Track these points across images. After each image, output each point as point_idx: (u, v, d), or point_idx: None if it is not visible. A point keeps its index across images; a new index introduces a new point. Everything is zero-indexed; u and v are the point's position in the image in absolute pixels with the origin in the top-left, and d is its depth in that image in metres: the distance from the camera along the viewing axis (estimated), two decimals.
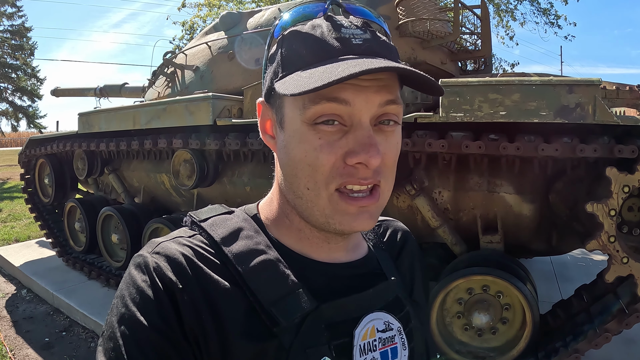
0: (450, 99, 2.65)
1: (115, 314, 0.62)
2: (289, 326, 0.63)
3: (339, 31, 0.63)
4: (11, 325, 4.22)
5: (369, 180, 0.63)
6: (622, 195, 2.42)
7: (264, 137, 0.72)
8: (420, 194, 3.04)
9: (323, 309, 0.65)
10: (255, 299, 0.63)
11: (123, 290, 0.63)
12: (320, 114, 0.61)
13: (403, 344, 0.72)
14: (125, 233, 4.60)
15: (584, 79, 2.48)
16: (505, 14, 11.81)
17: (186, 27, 12.40)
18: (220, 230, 0.69)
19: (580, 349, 2.71)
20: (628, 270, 2.49)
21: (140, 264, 0.64)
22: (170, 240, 0.68)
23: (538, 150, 2.56)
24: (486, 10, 4.46)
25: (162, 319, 0.60)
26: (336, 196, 0.63)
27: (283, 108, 0.66)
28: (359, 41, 0.63)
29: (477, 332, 2.95)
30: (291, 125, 0.64)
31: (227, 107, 3.62)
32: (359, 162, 0.61)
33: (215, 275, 0.64)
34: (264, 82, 0.71)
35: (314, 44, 0.63)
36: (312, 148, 0.62)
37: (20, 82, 20.25)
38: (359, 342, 0.67)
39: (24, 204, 6.54)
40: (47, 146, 5.39)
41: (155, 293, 0.61)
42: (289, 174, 0.67)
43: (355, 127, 0.61)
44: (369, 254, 0.79)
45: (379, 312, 0.71)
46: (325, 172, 0.62)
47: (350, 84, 0.59)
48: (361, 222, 0.65)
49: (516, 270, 2.90)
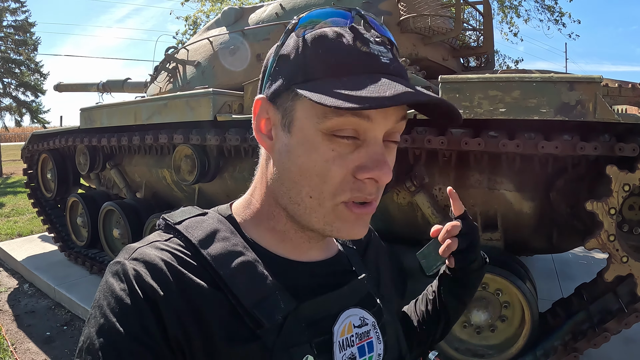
0: (450, 95, 2.64)
1: (93, 325, 0.59)
2: (271, 327, 0.62)
3: (367, 45, 0.61)
4: (13, 319, 4.24)
5: (373, 195, 0.64)
6: (623, 193, 2.41)
7: (258, 135, 0.70)
8: (420, 190, 3.03)
9: (303, 307, 0.65)
10: (238, 301, 0.62)
11: (100, 299, 0.61)
12: (342, 127, 0.60)
13: (378, 337, 0.74)
14: (126, 228, 4.62)
15: (585, 76, 2.46)
16: (509, 10, 11.75)
17: (189, 22, 12.41)
18: (196, 232, 0.68)
19: (579, 348, 2.70)
20: (628, 270, 2.48)
21: (118, 271, 0.62)
22: (147, 245, 0.66)
23: (538, 148, 2.55)
24: (488, 6, 4.43)
25: (143, 329, 0.58)
26: (342, 207, 0.64)
27: (294, 112, 0.63)
28: (387, 60, 0.62)
29: (476, 330, 2.95)
30: (302, 131, 0.62)
31: (228, 103, 3.62)
32: (370, 177, 0.61)
33: (197, 280, 0.62)
34: (270, 79, 0.67)
35: (344, 54, 0.61)
36: (324, 159, 0.61)
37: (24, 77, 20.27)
38: (338, 338, 0.68)
39: (27, 199, 6.56)
40: (49, 141, 5.41)
41: (135, 302, 0.59)
42: (288, 180, 0.65)
43: (368, 142, 0.61)
44: (340, 253, 0.81)
45: (354, 308, 0.72)
46: (335, 184, 0.62)
47: None
48: (359, 230, 0.66)
49: (516, 268, 2.90)
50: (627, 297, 2.67)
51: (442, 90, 2.66)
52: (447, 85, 2.66)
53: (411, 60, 3.61)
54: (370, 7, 4.06)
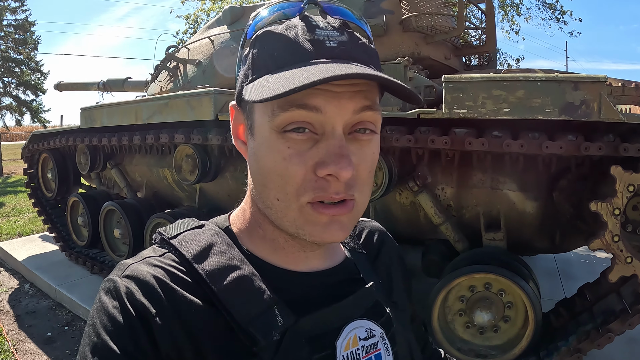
0: (454, 95, 2.63)
1: (87, 344, 0.59)
2: (268, 344, 0.60)
3: (313, 32, 0.59)
4: (14, 319, 4.23)
5: (341, 195, 0.59)
6: (627, 194, 2.40)
7: (236, 143, 0.70)
8: (423, 190, 3.02)
9: (302, 323, 0.63)
10: (232, 318, 0.60)
11: (94, 317, 0.60)
12: (290, 121, 0.57)
13: (387, 349, 0.70)
14: (127, 228, 4.60)
15: (590, 76, 2.45)
16: (510, 8, 11.75)
17: (190, 21, 12.40)
18: (191, 247, 0.66)
19: (583, 348, 2.69)
20: (632, 270, 2.47)
21: (111, 289, 0.61)
22: (140, 261, 0.64)
23: (542, 148, 2.54)
24: (491, 5, 4.41)
25: (136, 346, 0.57)
26: (309, 208, 0.60)
27: (253, 113, 0.63)
28: (334, 43, 0.59)
29: (479, 330, 2.93)
30: (260, 132, 0.61)
31: (229, 102, 3.60)
32: (329, 173, 0.57)
33: (190, 296, 0.61)
34: (236, 85, 0.67)
35: (285, 46, 0.59)
36: (282, 158, 0.59)
37: (24, 76, 20.25)
38: (342, 352, 0.65)
39: (28, 199, 6.54)
40: (50, 141, 5.39)
41: (126, 319, 0.58)
42: (258, 183, 0.64)
43: (326, 136, 0.58)
44: (346, 260, 0.77)
45: (360, 319, 0.69)
46: (296, 184, 0.59)
47: (321, 90, 0.56)
48: (332, 234, 0.61)
49: (519, 268, 2.89)
50: (630, 297, 2.66)
51: (446, 89, 2.65)
52: (450, 84, 2.64)
53: (413, 59, 3.59)
54: (372, 6, 4.04)
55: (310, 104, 0.56)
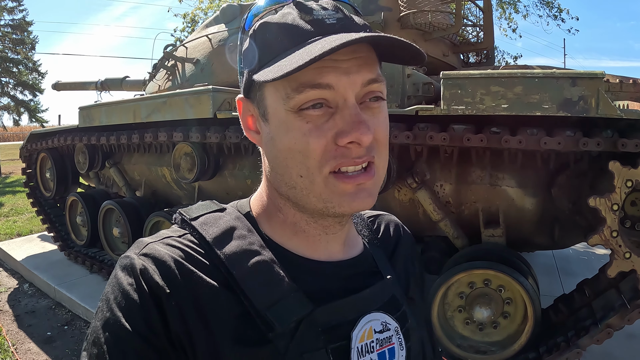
0: (452, 91, 2.63)
1: (100, 318, 0.60)
2: (284, 331, 0.60)
3: (310, 14, 0.61)
4: (13, 319, 4.23)
5: (363, 158, 0.61)
6: (625, 189, 2.40)
7: (248, 134, 0.71)
8: (421, 187, 3.02)
9: (319, 312, 0.63)
10: (250, 303, 0.61)
11: (108, 293, 0.61)
12: (305, 101, 0.59)
13: (400, 343, 0.70)
14: (126, 226, 4.60)
15: (587, 72, 2.45)
16: (508, 6, 11.75)
17: (187, 20, 12.37)
18: (212, 229, 0.66)
19: (582, 344, 2.70)
20: (630, 266, 2.48)
21: (127, 265, 0.61)
22: (159, 240, 0.65)
23: (541, 144, 2.54)
24: (488, 2, 4.42)
25: (147, 325, 0.58)
26: (332, 178, 0.61)
27: (265, 100, 0.64)
28: (333, 20, 0.62)
29: (479, 326, 2.94)
30: (276, 116, 0.63)
31: (228, 100, 3.60)
32: (351, 141, 0.59)
33: (207, 279, 0.61)
34: (241, 78, 0.69)
35: (287, 30, 0.61)
36: (301, 134, 0.60)
37: (22, 76, 20.24)
38: (357, 344, 0.65)
39: (26, 198, 6.53)
40: (48, 140, 5.38)
41: (140, 297, 0.58)
42: (279, 165, 0.65)
43: (341, 107, 0.60)
44: (365, 252, 0.77)
45: (376, 312, 0.69)
46: (317, 156, 0.60)
47: (330, 67, 0.58)
48: (361, 201, 0.63)
49: (518, 265, 2.89)
50: (629, 293, 2.67)
51: (444, 86, 2.65)
52: (449, 81, 2.65)
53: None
54: (370, 2, 4.04)
55: (323, 83, 0.58)
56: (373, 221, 0.86)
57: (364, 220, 0.85)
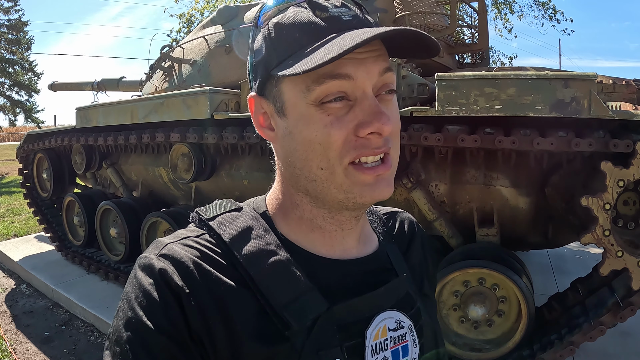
0: (446, 92, 2.66)
1: (121, 318, 0.61)
2: (300, 329, 0.62)
3: (326, 12, 0.63)
4: (11, 319, 4.24)
5: (381, 148, 0.63)
6: (617, 189, 2.44)
7: (261, 131, 0.71)
8: (416, 187, 3.05)
9: (335, 310, 0.64)
10: (267, 302, 0.62)
11: (129, 292, 0.62)
12: (327, 93, 0.61)
13: (414, 341, 0.72)
14: (123, 227, 4.62)
15: (580, 74, 2.48)
16: (503, 6, 11.79)
17: (183, 20, 12.37)
18: (229, 230, 0.68)
19: (575, 341, 2.73)
20: (622, 264, 2.50)
21: (147, 266, 0.63)
22: (178, 241, 0.66)
23: (534, 144, 2.57)
24: (483, 3, 4.45)
25: (170, 322, 0.59)
26: (351, 169, 0.63)
27: (282, 95, 0.65)
28: (349, 17, 0.63)
29: (473, 325, 2.97)
30: (295, 110, 0.64)
31: (225, 101, 3.63)
32: (372, 131, 0.61)
33: (225, 279, 0.62)
34: (253, 76, 0.70)
35: (305, 27, 0.62)
36: (323, 126, 0.62)
37: (18, 76, 20.20)
38: (371, 342, 0.66)
39: (23, 199, 6.54)
40: (45, 141, 5.39)
41: (161, 296, 0.60)
42: (298, 159, 0.65)
43: (360, 99, 0.62)
44: (379, 249, 0.78)
45: (391, 310, 0.70)
46: (338, 147, 0.62)
47: (349, 59, 0.60)
48: (381, 191, 0.65)
49: (512, 263, 2.92)
50: (622, 291, 2.70)
51: (439, 87, 2.68)
52: (443, 82, 2.68)
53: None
54: (365, 4, 4.06)
55: (343, 73, 0.60)
56: (388, 218, 0.88)
57: (379, 217, 0.86)
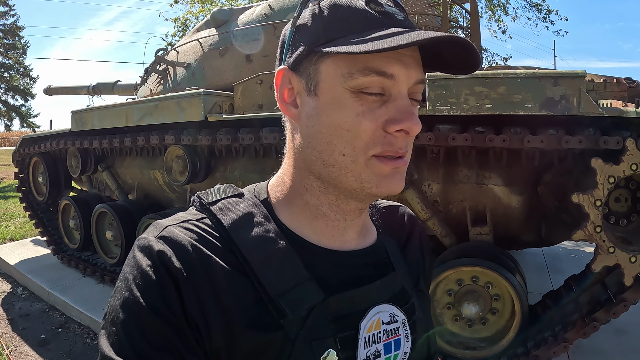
0: (437, 92, 2.68)
1: (118, 298, 0.61)
2: (295, 318, 0.62)
3: (381, 7, 0.64)
4: (7, 323, 4.24)
5: (403, 150, 0.65)
6: (608, 185, 2.45)
7: (283, 106, 0.70)
8: (409, 186, 3.06)
9: (330, 301, 0.65)
10: (263, 289, 0.62)
11: (127, 273, 0.62)
12: (368, 85, 0.62)
13: (406, 335, 0.72)
14: (119, 230, 4.62)
15: (569, 72, 2.50)
16: (497, 8, 11.84)
17: (178, 24, 12.40)
18: (229, 215, 0.67)
19: (569, 338, 2.74)
20: (614, 260, 2.52)
21: (145, 247, 0.63)
22: (177, 224, 0.66)
23: (524, 142, 2.58)
24: (475, 5, 4.48)
25: (166, 304, 0.59)
26: (374, 160, 0.64)
27: (319, 74, 0.64)
28: (401, 17, 0.65)
29: (467, 323, 2.98)
30: (329, 91, 0.64)
31: (218, 103, 3.64)
32: (401, 129, 0.62)
33: (222, 263, 0.62)
34: (290, 50, 0.68)
35: (361, 13, 0.63)
36: (355, 114, 0.62)
37: (13, 81, 20.18)
38: (364, 334, 0.67)
39: (19, 203, 6.54)
40: (40, 144, 5.40)
41: (159, 278, 0.60)
42: (320, 142, 0.65)
43: (394, 97, 0.63)
44: (378, 242, 0.79)
45: (385, 304, 0.71)
46: (366, 138, 0.63)
47: (395, 58, 0.61)
48: (397, 183, 0.66)
49: (505, 261, 2.93)
50: (614, 287, 2.72)
51: (429, 87, 2.70)
52: (434, 82, 2.69)
53: None
54: None
55: (388, 72, 0.61)
56: (387, 211, 0.88)
57: (379, 210, 0.87)
